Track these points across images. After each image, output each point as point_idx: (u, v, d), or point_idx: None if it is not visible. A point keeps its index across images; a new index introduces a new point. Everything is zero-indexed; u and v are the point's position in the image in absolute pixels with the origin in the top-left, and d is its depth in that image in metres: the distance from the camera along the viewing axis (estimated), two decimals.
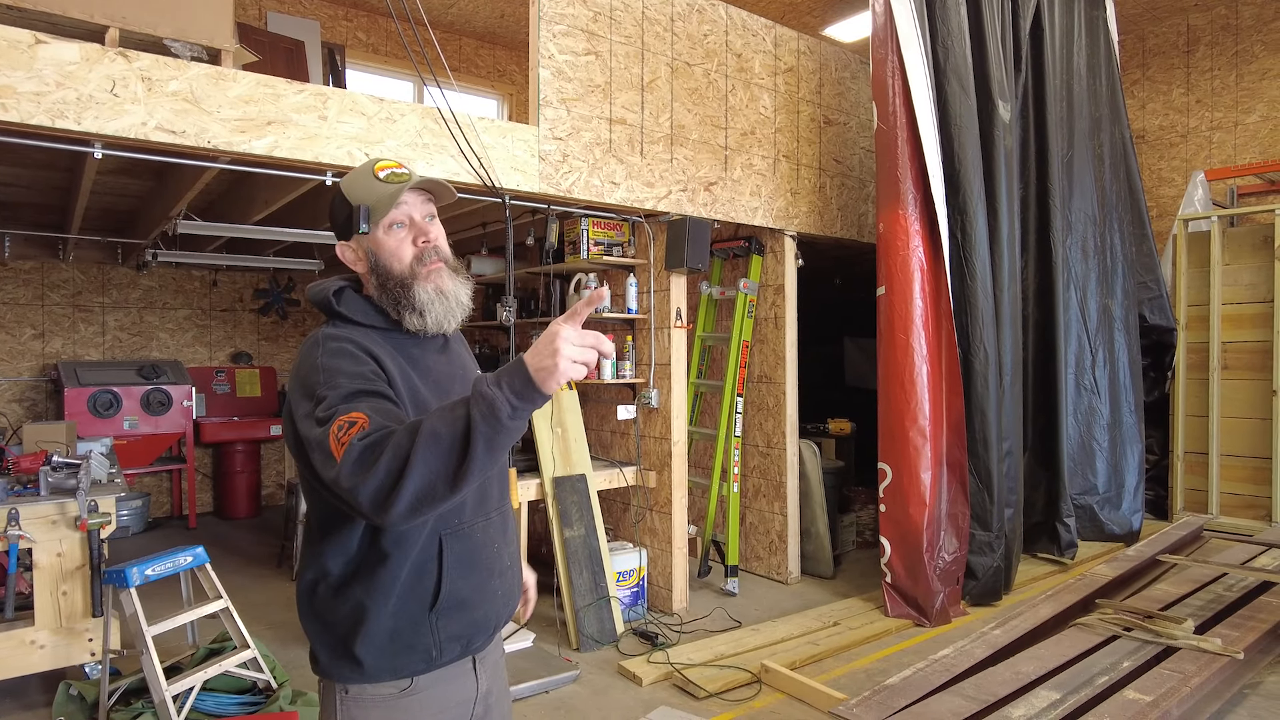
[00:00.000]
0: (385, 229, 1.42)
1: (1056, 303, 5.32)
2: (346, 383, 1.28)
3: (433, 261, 1.43)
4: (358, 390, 1.27)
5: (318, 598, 1.39)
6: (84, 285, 6.72)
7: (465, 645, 1.44)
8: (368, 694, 1.38)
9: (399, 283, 1.41)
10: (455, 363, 1.54)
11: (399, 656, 1.37)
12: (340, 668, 1.38)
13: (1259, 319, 5.98)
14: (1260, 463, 5.94)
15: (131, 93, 2.76)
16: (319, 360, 1.32)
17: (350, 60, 6.92)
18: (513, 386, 1.12)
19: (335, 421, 1.20)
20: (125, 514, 6.31)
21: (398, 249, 1.42)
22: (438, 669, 1.41)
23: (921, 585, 4.27)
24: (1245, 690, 3.35)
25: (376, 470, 1.13)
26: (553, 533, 4.11)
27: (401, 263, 1.41)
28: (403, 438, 1.15)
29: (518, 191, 3.80)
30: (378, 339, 1.41)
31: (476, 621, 1.45)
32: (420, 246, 1.43)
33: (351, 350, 1.34)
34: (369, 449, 1.16)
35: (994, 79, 4.69)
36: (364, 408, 1.23)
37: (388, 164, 1.44)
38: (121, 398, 6.16)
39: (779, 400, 5.09)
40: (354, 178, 1.45)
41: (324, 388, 1.28)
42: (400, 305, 1.42)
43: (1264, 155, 6.78)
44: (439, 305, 1.42)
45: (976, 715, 2.78)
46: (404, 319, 1.42)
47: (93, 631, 3.37)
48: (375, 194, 1.41)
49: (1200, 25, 7.15)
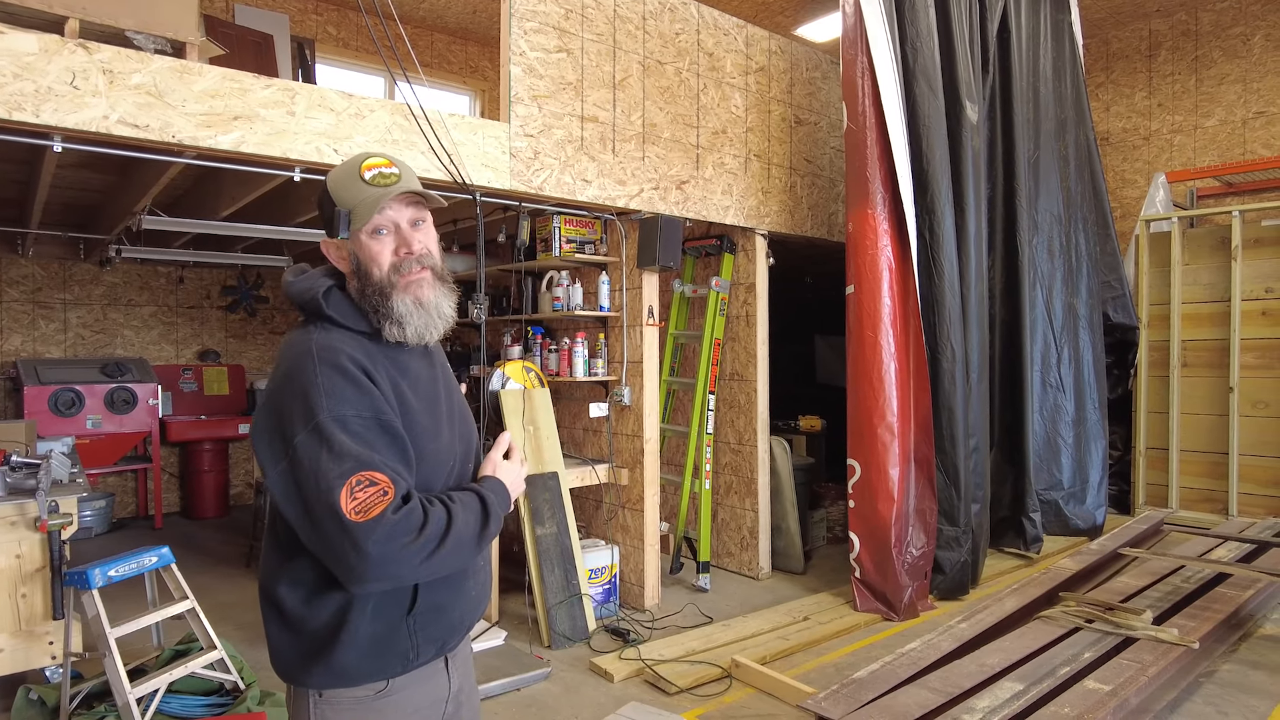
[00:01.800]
0: (368, 233, 1.37)
1: (1023, 301, 5.40)
2: (354, 419, 1.25)
3: (413, 271, 1.38)
4: (365, 437, 1.25)
5: (290, 606, 1.35)
6: (44, 281, 6.57)
7: (440, 646, 1.44)
8: (342, 697, 1.37)
9: (377, 290, 1.37)
10: (438, 368, 1.53)
11: (377, 660, 1.36)
12: (316, 674, 1.35)
13: (1217, 318, 6.13)
14: (1217, 458, 6.09)
15: (92, 85, 2.71)
16: (318, 379, 1.27)
17: (320, 55, 6.83)
18: (506, 508, 1.45)
19: (354, 476, 1.21)
20: (88, 514, 6.19)
21: (377, 255, 1.37)
22: (413, 670, 1.41)
23: (890, 580, 4.33)
24: (1200, 679, 3.44)
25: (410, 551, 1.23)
26: (524, 531, 4.11)
27: (380, 269, 1.37)
28: (435, 527, 1.27)
29: (489, 188, 3.78)
30: (366, 347, 1.37)
31: (452, 623, 1.45)
32: (400, 256, 1.38)
33: (352, 371, 1.29)
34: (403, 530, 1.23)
35: (962, 80, 4.76)
36: (383, 466, 1.25)
37: (376, 163, 1.38)
38: (84, 396, 6.04)
39: (750, 397, 5.13)
40: (340, 176, 1.40)
41: (328, 416, 1.24)
42: (379, 314, 1.37)
43: (1222, 158, 6.95)
44: (418, 317, 1.38)
45: (942, 707, 2.82)
46: (383, 328, 1.38)
47: (53, 634, 3.30)
48: (358, 198, 1.36)
49: (1162, 30, 7.31)
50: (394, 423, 1.31)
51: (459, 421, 1.52)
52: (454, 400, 1.54)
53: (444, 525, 1.28)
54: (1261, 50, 6.75)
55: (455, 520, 1.29)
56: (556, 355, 4.74)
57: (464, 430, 1.53)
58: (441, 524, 1.28)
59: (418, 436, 1.36)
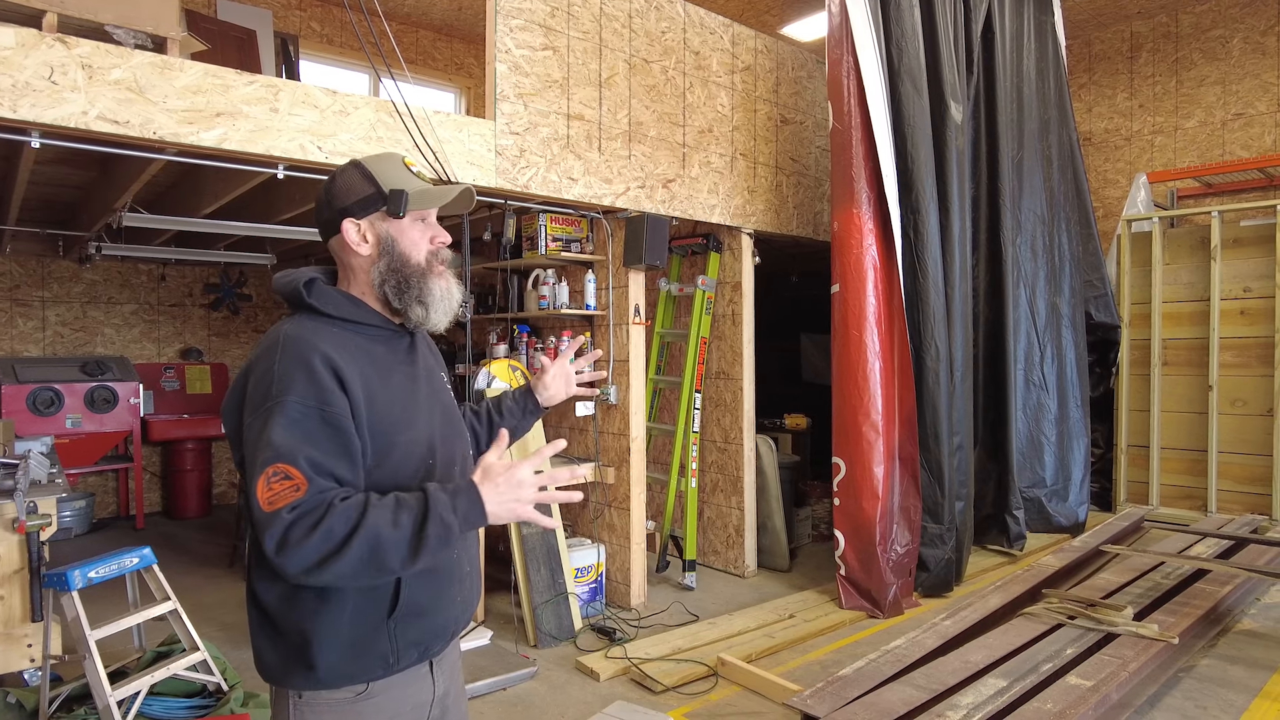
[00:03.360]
0: (414, 219, 1.46)
1: (1006, 300, 5.44)
2: (294, 408, 1.26)
3: (441, 263, 1.49)
4: (302, 426, 1.26)
5: (268, 604, 1.36)
6: (22, 278, 6.49)
7: (423, 651, 1.43)
8: (322, 699, 1.36)
9: (417, 271, 1.45)
10: (420, 364, 1.52)
11: (356, 662, 1.35)
12: (295, 675, 1.35)
13: (1197, 317, 6.20)
14: (1197, 455, 6.17)
15: (71, 80, 2.68)
16: (275, 366, 1.30)
17: (304, 51, 6.78)
18: (468, 520, 1.26)
19: (271, 467, 1.22)
20: (68, 515, 6.12)
21: (419, 241, 1.46)
22: (395, 674, 1.40)
23: (875, 577, 4.35)
24: (1180, 674, 3.49)
25: (305, 549, 1.20)
26: (510, 529, 4.10)
27: (419, 255, 1.46)
28: (339, 524, 1.21)
29: (474, 186, 3.76)
30: (345, 337, 1.39)
31: (435, 628, 1.44)
32: (436, 245, 1.49)
33: (310, 360, 1.30)
34: (299, 526, 1.20)
35: (947, 80, 4.79)
36: (302, 460, 1.24)
37: (412, 162, 1.49)
38: (64, 395, 5.97)
39: (736, 396, 5.14)
40: (382, 162, 1.47)
41: (273, 403, 1.27)
42: (407, 294, 1.44)
43: (1202, 159, 7.04)
44: (446, 302, 1.48)
45: (927, 704, 2.84)
46: (408, 308, 1.44)
47: (32, 637, 3.26)
48: (414, 186, 1.45)
49: (1143, 32, 7.38)
50: (338, 416, 1.29)
51: (440, 419, 1.50)
52: (438, 397, 1.53)
53: (351, 525, 1.21)
54: (1240, 53, 6.83)
55: (366, 521, 1.21)
56: (542, 354, 4.73)
57: (446, 429, 1.52)
58: (347, 523, 1.21)
59: (389, 427, 1.36)
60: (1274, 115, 6.69)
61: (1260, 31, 6.73)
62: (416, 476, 1.40)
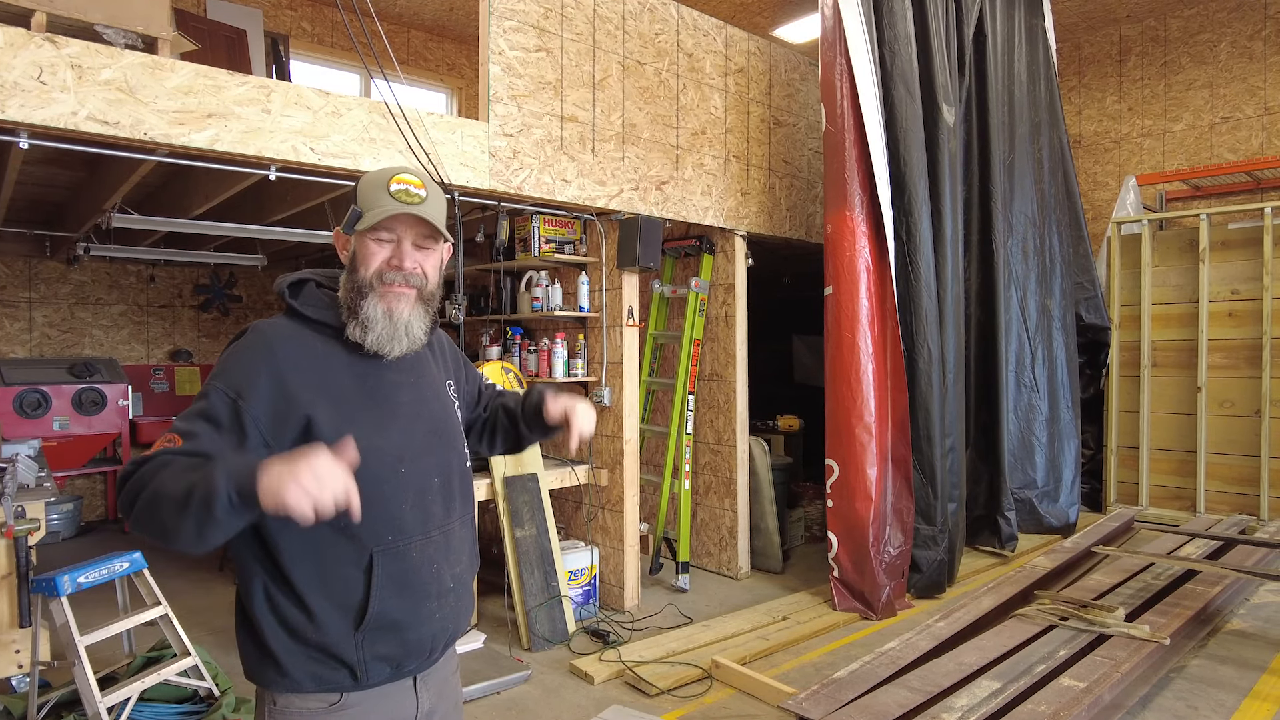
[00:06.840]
0: (371, 236, 1.43)
1: (998, 302, 5.47)
2: (216, 394, 1.31)
3: (395, 284, 1.42)
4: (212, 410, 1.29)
5: (249, 604, 1.37)
6: (8, 279, 6.42)
7: (396, 667, 1.41)
8: (295, 706, 1.37)
9: (356, 288, 1.42)
10: (408, 372, 1.49)
11: (322, 669, 1.35)
12: (268, 676, 1.37)
13: (1185, 318, 6.24)
14: (1186, 456, 6.21)
15: (60, 81, 2.65)
16: (227, 355, 1.38)
17: (295, 51, 6.74)
18: (240, 490, 1.10)
19: (167, 435, 1.27)
20: (55, 518, 6.06)
21: (368, 258, 1.43)
22: (371, 688, 1.39)
23: (868, 579, 4.36)
24: (1171, 674, 3.51)
25: (123, 494, 1.22)
26: (504, 533, 4.09)
27: (366, 271, 1.42)
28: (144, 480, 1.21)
29: (467, 188, 3.75)
30: (317, 341, 1.42)
31: (409, 644, 1.41)
32: (389, 266, 1.42)
33: (254, 358, 1.35)
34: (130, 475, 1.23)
35: (939, 83, 4.80)
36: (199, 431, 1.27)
37: (407, 180, 1.43)
38: (51, 397, 5.91)
39: (730, 398, 5.14)
40: (371, 179, 1.46)
41: (208, 386, 1.33)
42: (350, 310, 1.42)
43: (1190, 162, 7.08)
44: (383, 326, 1.41)
45: (921, 706, 2.84)
46: (348, 325, 1.42)
47: (20, 643, 3.23)
48: (374, 204, 1.42)
49: (1132, 36, 7.43)
50: (244, 411, 1.30)
51: (424, 429, 1.47)
52: (425, 406, 1.50)
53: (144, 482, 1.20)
54: (1228, 57, 6.89)
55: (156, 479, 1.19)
56: (536, 356, 4.72)
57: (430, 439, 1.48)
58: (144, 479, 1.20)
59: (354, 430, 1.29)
60: (1261, 119, 6.74)
61: (1247, 36, 6.79)
62: (380, 484, 1.36)
